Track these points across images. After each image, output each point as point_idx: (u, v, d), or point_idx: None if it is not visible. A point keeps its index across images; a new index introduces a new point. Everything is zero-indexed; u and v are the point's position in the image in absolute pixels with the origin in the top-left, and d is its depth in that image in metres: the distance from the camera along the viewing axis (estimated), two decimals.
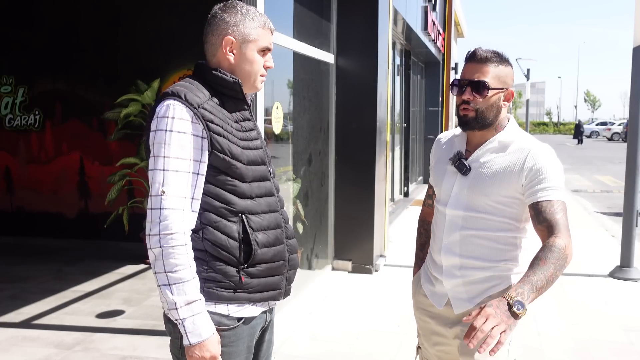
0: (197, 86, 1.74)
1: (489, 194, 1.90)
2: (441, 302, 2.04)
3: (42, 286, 5.35)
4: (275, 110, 4.56)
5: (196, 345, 1.64)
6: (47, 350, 3.89)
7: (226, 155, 1.70)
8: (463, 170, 1.96)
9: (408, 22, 8.67)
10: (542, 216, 1.80)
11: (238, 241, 1.73)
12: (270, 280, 1.81)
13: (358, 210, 5.90)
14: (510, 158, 1.90)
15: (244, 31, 1.78)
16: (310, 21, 5.56)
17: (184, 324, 1.63)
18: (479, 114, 1.91)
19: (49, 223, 7.11)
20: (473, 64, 1.92)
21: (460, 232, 1.96)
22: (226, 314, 1.74)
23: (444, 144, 2.13)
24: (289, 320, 4.46)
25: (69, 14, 6.82)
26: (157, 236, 1.61)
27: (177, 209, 1.63)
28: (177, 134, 1.65)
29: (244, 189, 1.74)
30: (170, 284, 1.62)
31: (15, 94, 7.10)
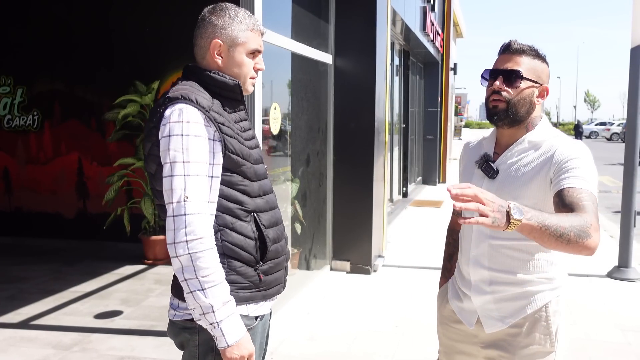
0: (198, 89, 1.73)
1: (518, 197, 1.74)
2: (471, 321, 1.91)
3: (41, 286, 5.35)
4: (273, 110, 4.57)
5: (234, 345, 1.64)
6: (45, 350, 3.89)
7: (238, 156, 1.72)
8: (490, 173, 1.83)
9: (407, 23, 8.68)
10: (567, 200, 1.59)
11: (254, 240, 1.75)
12: (277, 275, 1.85)
13: (356, 210, 5.90)
14: (540, 157, 1.76)
15: (232, 34, 1.77)
16: (308, 22, 5.56)
17: (221, 326, 1.62)
18: (510, 105, 1.77)
19: (47, 223, 7.11)
20: (507, 54, 1.81)
21: (488, 241, 1.82)
22: (246, 314, 1.75)
23: (473, 147, 2.01)
24: (287, 321, 4.46)
25: (68, 14, 6.82)
26: (184, 242, 1.59)
27: (201, 213, 1.62)
28: (194, 138, 1.63)
29: (254, 188, 1.77)
30: (204, 288, 1.60)
31: (14, 94, 7.10)
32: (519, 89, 1.77)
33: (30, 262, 6.21)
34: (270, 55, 4.52)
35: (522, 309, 1.81)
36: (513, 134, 1.84)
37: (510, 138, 1.85)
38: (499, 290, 1.83)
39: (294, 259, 5.47)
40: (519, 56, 1.79)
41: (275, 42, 4.35)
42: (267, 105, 4.49)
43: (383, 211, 6.42)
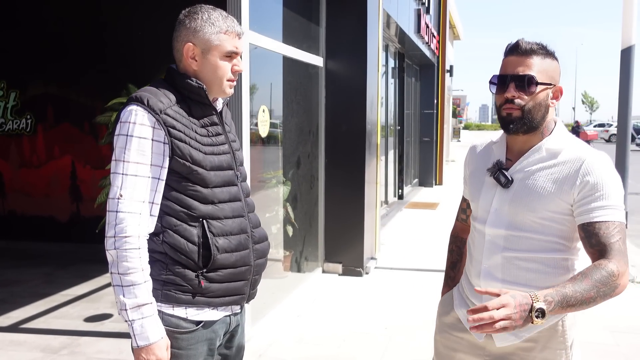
0: (163, 91, 1.74)
1: (535, 209, 1.65)
2: (481, 334, 1.78)
3: (32, 290, 5.36)
4: (262, 113, 4.58)
5: (143, 347, 1.65)
6: (33, 354, 3.89)
7: (187, 161, 1.71)
8: (504, 182, 1.71)
9: (400, 26, 8.70)
10: (594, 239, 1.57)
11: (197, 245, 1.73)
12: (233, 285, 1.81)
13: (348, 212, 5.91)
14: (561, 169, 1.65)
15: (204, 37, 1.77)
16: (298, 25, 5.58)
17: (133, 326, 1.65)
18: (525, 113, 1.65)
19: (41, 227, 7.11)
20: (516, 56, 1.67)
21: (502, 254, 1.71)
22: (184, 317, 1.75)
23: (480, 152, 1.89)
24: (277, 323, 4.47)
25: (61, 17, 6.83)
26: (113, 238, 1.64)
27: (133, 212, 1.65)
28: (137, 139, 1.66)
29: (205, 195, 1.75)
30: (122, 286, 1.64)
31: (7, 98, 7.11)
32: (534, 94, 1.66)
33: (23, 266, 6.22)
34: (259, 58, 4.54)
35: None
36: (528, 140, 1.73)
37: (525, 144, 1.74)
38: None
39: (285, 261, 5.47)
40: (529, 57, 1.66)
41: (265, 45, 4.36)
42: (256, 108, 4.50)
43: (376, 213, 6.43)
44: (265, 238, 1.94)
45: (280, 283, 5.35)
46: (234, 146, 1.90)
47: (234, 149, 1.88)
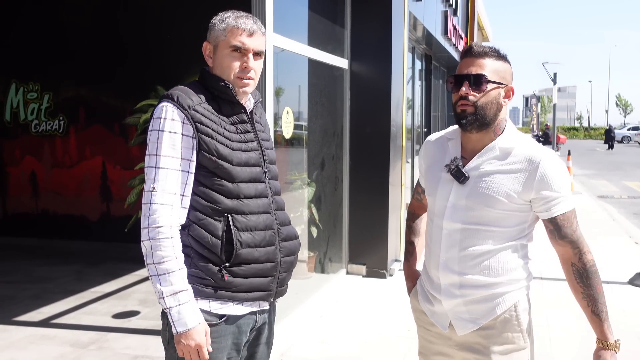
0: (194, 90, 1.83)
1: (493, 205, 1.77)
2: (444, 324, 1.91)
3: (63, 287, 5.50)
4: (286, 115, 4.63)
5: (182, 333, 1.71)
6: (63, 348, 4.01)
7: (212, 155, 1.78)
8: (461, 178, 1.81)
9: (427, 28, 8.68)
10: (562, 231, 1.79)
11: (221, 239, 1.78)
12: (257, 280, 1.84)
13: (372, 214, 5.92)
14: (517, 167, 1.78)
15: (214, 34, 1.87)
16: (323, 27, 5.62)
17: (171, 313, 1.71)
18: (478, 109, 1.77)
19: (72, 226, 7.29)
20: (470, 58, 1.80)
21: (459, 246, 1.82)
22: (208, 309, 1.79)
23: (435, 147, 1.98)
24: (300, 323, 4.50)
25: (92, 22, 7.00)
26: (147, 229, 1.72)
27: (165, 204, 1.73)
28: (168, 134, 1.75)
29: (230, 189, 1.80)
30: (158, 275, 1.71)
31: (41, 100, 7.32)
32: (486, 92, 1.77)
33: (54, 263, 6.39)
34: (284, 60, 4.60)
35: (492, 310, 1.84)
36: (481, 139, 1.83)
37: (478, 143, 1.84)
38: (469, 294, 1.83)
39: (309, 262, 5.51)
40: (481, 59, 1.79)
41: (289, 48, 4.41)
42: (281, 110, 4.56)
43: (400, 215, 6.42)
44: (294, 237, 1.98)
45: (304, 284, 5.39)
46: (264, 145, 1.94)
47: (263, 147, 1.93)
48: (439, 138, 2.00)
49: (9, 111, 7.40)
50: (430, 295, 1.95)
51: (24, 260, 6.53)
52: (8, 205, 7.52)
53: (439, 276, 1.87)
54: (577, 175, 17.88)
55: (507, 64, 1.83)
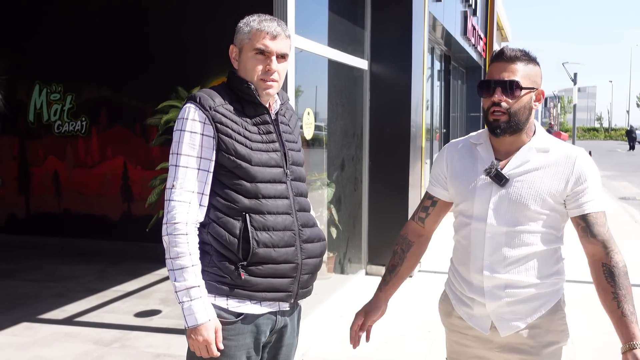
0: (218, 91, 1.88)
1: (532, 205, 1.79)
2: (485, 326, 1.88)
3: (86, 285, 5.58)
4: (307, 116, 4.64)
5: (192, 328, 1.75)
6: (86, 346, 4.06)
7: (231, 155, 1.81)
8: (501, 181, 1.81)
9: (446, 28, 8.65)
10: (594, 229, 1.79)
11: (238, 238, 1.80)
12: (276, 281, 1.85)
13: (392, 215, 5.91)
14: (555, 166, 1.80)
15: (239, 37, 1.91)
16: (343, 28, 5.63)
17: (183, 308, 1.76)
18: (511, 116, 1.77)
19: (94, 225, 7.38)
20: (501, 63, 1.79)
21: (504, 249, 1.82)
22: (225, 307, 1.82)
23: (461, 152, 1.94)
24: (320, 323, 4.52)
25: (114, 25, 7.09)
26: (166, 225, 1.77)
27: (183, 201, 1.78)
28: (188, 133, 1.80)
29: (248, 189, 1.83)
30: (174, 270, 1.76)
31: (64, 101, 7.42)
32: (518, 98, 1.77)
33: (77, 262, 6.48)
34: (304, 61, 4.61)
35: (538, 308, 1.84)
36: (514, 141, 1.84)
37: (512, 145, 1.84)
38: (514, 294, 1.83)
39: (329, 262, 5.52)
40: (513, 64, 1.78)
41: (310, 49, 4.42)
42: (301, 111, 4.57)
43: None
44: (319, 239, 1.98)
45: (323, 284, 5.39)
46: (288, 146, 1.95)
47: (287, 148, 1.94)
48: (463, 144, 1.97)
49: (33, 112, 7.52)
50: (467, 299, 1.92)
51: (47, 259, 6.63)
52: (31, 204, 7.64)
53: (482, 279, 1.85)
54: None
55: (537, 66, 1.83)
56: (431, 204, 2.05)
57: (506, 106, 1.77)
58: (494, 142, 1.87)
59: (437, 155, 2.05)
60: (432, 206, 2.05)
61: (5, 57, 7.52)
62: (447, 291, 2.05)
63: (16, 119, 7.56)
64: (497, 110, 1.78)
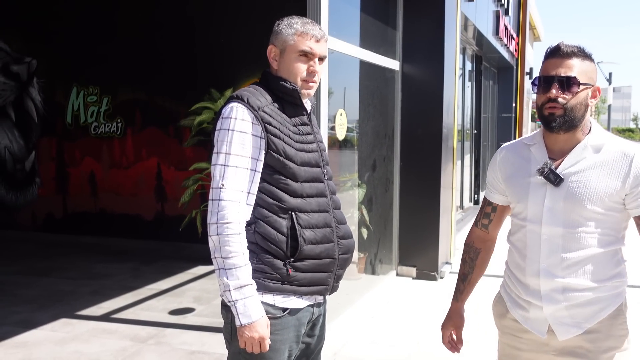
0: (260, 91, 1.91)
1: (590, 205, 1.74)
2: (542, 330, 1.84)
3: (121, 283, 5.69)
4: (339, 117, 4.66)
5: (246, 326, 1.79)
6: (123, 342, 4.16)
7: (280, 155, 1.85)
8: (556, 180, 1.77)
9: (478, 28, 8.58)
10: None
11: (286, 236, 1.86)
12: (317, 275, 1.92)
13: (423, 216, 5.89)
14: (611, 164, 1.75)
15: (282, 38, 1.94)
16: (375, 29, 5.63)
17: (236, 306, 1.78)
18: (567, 111, 1.74)
19: (128, 224, 7.52)
20: (557, 58, 1.76)
21: (561, 251, 1.78)
22: (272, 303, 1.87)
23: (515, 154, 1.93)
24: (351, 323, 4.53)
25: (148, 27, 7.22)
26: (215, 225, 1.79)
27: (233, 200, 1.80)
28: (238, 133, 1.82)
29: (295, 188, 1.88)
30: (226, 269, 1.78)
31: (100, 103, 7.59)
32: (575, 93, 1.74)
33: (112, 261, 6.62)
34: (337, 62, 4.64)
35: (597, 313, 1.79)
36: (569, 139, 1.80)
37: (566, 143, 1.81)
38: (573, 298, 1.79)
39: (360, 263, 5.53)
40: (570, 59, 1.75)
41: (342, 50, 4.44)
42: (333, 112, 4.60)
43: (451, 218, 6.37)
44: (350, 235, 2.04)
45: (354, 284, 5.41)
46: (321, 146, 2.02)
47: (321, 149, 2.01)
48: (516, 146, 1.96)
49: (70, 114, 7.71)
50: (523, 302, 1.89)
51: (83, 257, 6.79)
52: (68, 204, 7.82)
53: (538, 283, 1.82)
54: None
55: (592, 63, 1.79)
56: (491, 210, 2.05)
57: (563, 102, 1.74)
58: (548, 142, 1.84)
59: (490, 161, 2.04)
60: (493, 212, 2.04)
61: (44, 61, 7.72)
62: (501, 293, 2.04)
63: (54, 121, 7.75)
64: (553, 105, 1.75)
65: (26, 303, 5.06)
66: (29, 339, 4.22)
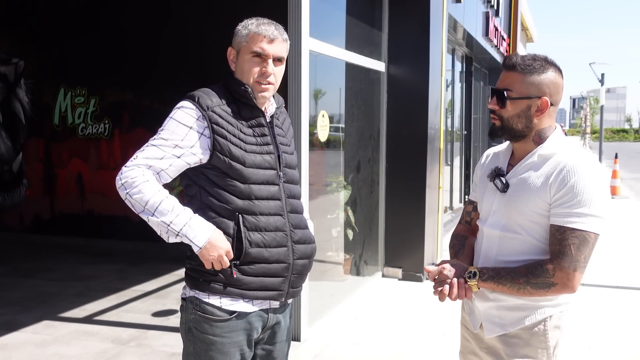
0: (216, 92, 1.92)
1: (522, 210, 1.78)
2: (476, 324, 1.96)
3: (106, 285, 5.68)
4: (321, 118, 4.67)
5: (206, 246, 1.78)
6: (104, 344, 4.14)
7: (225, 156, 1.85)
8: (501, 187, 1.84)
9: (467, 29, 8.59)
10: (552, 238, 1.72)
11: (232, 237, 1.85)
12: (268, 280, 1.89)
13: (409, 217, 5.90)
14: (547, 172, 1.76)
15: (237, 40, 1.96)
16: (361, 31, 5.64)
17: (185, 233, 1.78)
18: (504, 123, 1.81)
19: (115, 226, 7.50)
20: (503, 70, 1.83)
21: (495, 253, 1.86)
22: (219, 305, 1.87)
23: (490, 158, 2.01)
24: (334, 325, 4.53)
25: (136, 30, 7.20)
26: (122, 187, 1.80)
27: (140, 165, 1.82)
28: (173, 121, 1.86)
29: (242, 190, 1.86)
30: (153, 212, 1.78)
31: (88, 104, 7.57)
32: (506, 108, 1.80)
33: (98, 262, 6.60)
34: (320, 64, 4.64)
35: (522, 319, 1.83)
36: (522, 148, 1.85)
37: (522, 151, 1.85)
38: (501, 299, 1.84)
39: (345, 264, 5.53)
40: (511, 72, 1.80)
41: (326, 52, 4.45)
42: (316, 114, 4.60)
43: (437, 219, 6.38)
44: (310, 240, 2.02)
45: (339, 286, 5.41)
46: (282, 149, 1.99)
47: (281, 151, 1.98)
48: (496, 149, 2.03)
49: (58, 115, 7.69)
50: (468, 301, 1.99)
51: (70, 259, 6.77)
52: (56, 205, 7.80)
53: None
54: (625, 179, 17.33)
55: (546, 74, 1.78)
56: (472, 208, 2.09)
57: (499, 114, 1.82)
58: (513, 147, 1.90)
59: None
60: (474, 210, 2.08)
61: (32, 62, 7.70)
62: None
63: (42, 122, 7.73)
64: (493, 115, 1.85)
65: (10, 305, 5.04)
66: (10, 342, 4.20)
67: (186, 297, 1.94)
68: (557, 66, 1.82)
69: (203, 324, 1.87)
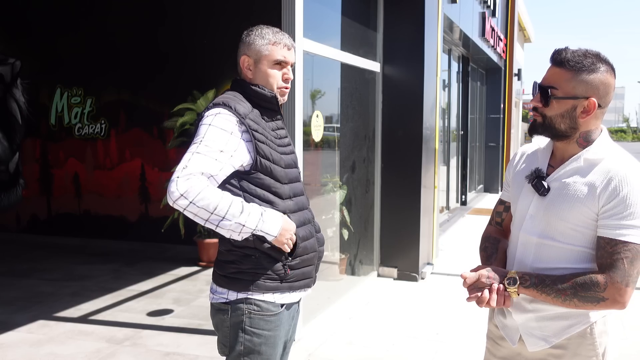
0: (240, 98, 1.96)
1: (566, 218, 1.66)
2: (514, 339, 1.82)
3: (102, 284, 5.69)
4: (315, 118, 4.68)
5: (280, 232, 1.89)
6: (99, 344, 4.16)
7: (268, 160, 1.92)
8: (540, 190, 1.72)
9: (463, 30, 8.61)
10: (600, 252, 1.62)
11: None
12: (306, 269, 2.04)
13: (404, 217, 5.91)
14: (595, 180, 1.64)
15: (256, 49, 2.00)
16: (355, 31, 5.65)
17: (261, 229, 1.85)
18: (546, 121, 1.70)
19: (112, 226, 7.52)
20: (551, 66, 1.70)
21: (532, 260, 1.75)
22: (272, 301, 1.96)
23: (526, 157, 1.89)
24: (328, 324, 4.55)
25: (133, 31, 7.22)
26: (181, 198, 1.75)
27: (194, 174, 1.78)
28: (214, 128, 1.86)
29: (284, 190, 1.97)
30: (224, 217, 1.80)
31: (84, 104, 7.58)
32: (550, 107, 1.69)
33: (94, 262, 6.61)
34: (315, 65, 4.66)
35: (566, 329, 1.74)
36: (564, 148, 1.74)
37: (565, 152, 1.74)
38: (541, 309, 1.75)
39: (341, 264, 5.55)
40: (560, 68, 1.67)
41: (320, 53, 4.46)
42: (311, 114, 4.61)
43: (433, 219, 6.40)
44: (319, 230, 2.16)
45: (335, 285, 5.42)
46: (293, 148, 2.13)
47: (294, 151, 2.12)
48: (533, 147, 1.91)
49: (54, 115, 7.70)
50: (504, 308, 1.85)
51: (66, 259, 6.77)
52: (52, 205, 7.81)
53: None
54: None
55: (596, 73, 1.65)
56: (504, 209, 2.00)
57: (542, 112, 1.72)
58: (554, 147, 1.79)
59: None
60: (505, 211, 1.99)
61: (28, 61, 7.69)
62: None
63: (38, 122, 7.74)
64: (534, 112, 1.74)
65: (5, 305, 5.04)
66: (4, 341, 4.21)
67: (231, 301, 1.95)
68: (610, 64, 1.68)
69: (259, 321, 1.95)
